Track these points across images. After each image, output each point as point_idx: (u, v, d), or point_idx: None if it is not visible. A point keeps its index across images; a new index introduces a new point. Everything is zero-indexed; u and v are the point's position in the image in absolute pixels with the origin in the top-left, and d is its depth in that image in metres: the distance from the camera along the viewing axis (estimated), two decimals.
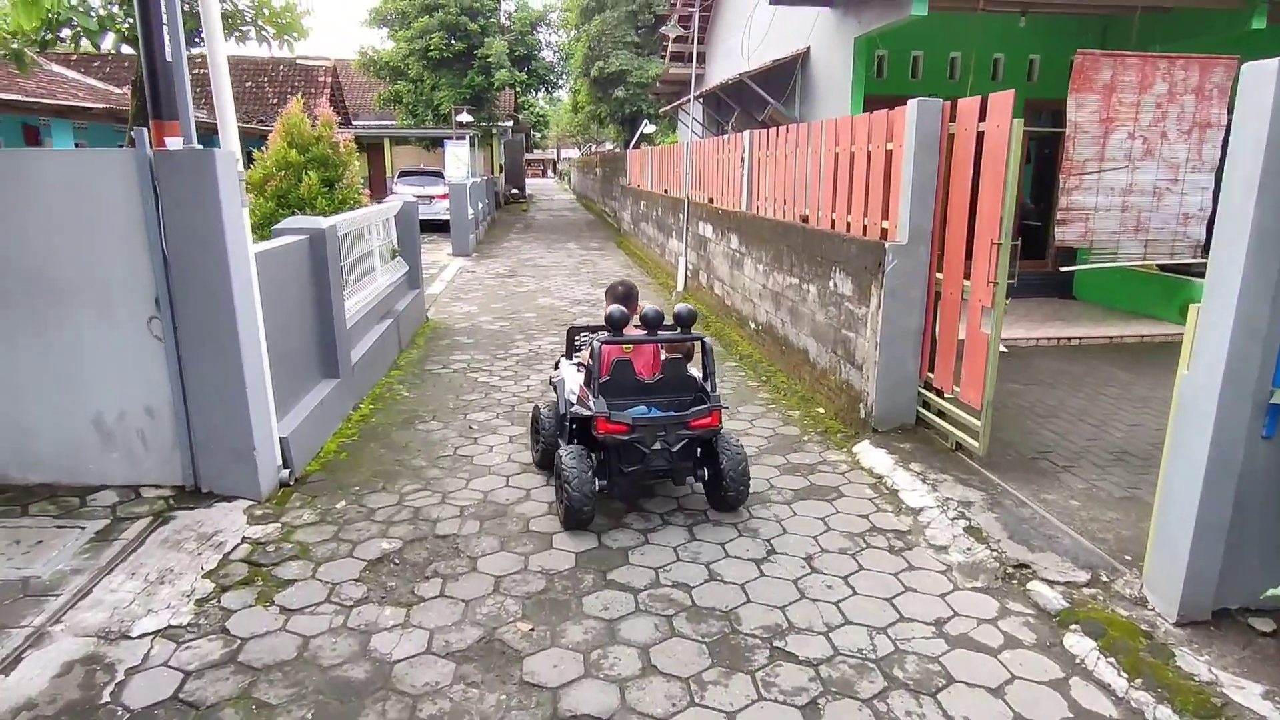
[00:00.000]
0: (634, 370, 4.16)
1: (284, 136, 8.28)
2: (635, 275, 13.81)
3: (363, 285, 7.22)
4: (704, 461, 4.18)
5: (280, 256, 4.79)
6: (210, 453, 4.07)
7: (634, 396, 4.10)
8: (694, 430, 3.95)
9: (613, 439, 3.89)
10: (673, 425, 3.93)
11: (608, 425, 3.86)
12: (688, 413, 4.00)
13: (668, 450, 3.92)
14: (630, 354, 4.21)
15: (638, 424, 3.87)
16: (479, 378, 7.00)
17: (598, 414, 3.88)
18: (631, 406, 4.03)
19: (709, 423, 3.98)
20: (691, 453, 4.09)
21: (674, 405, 4.13)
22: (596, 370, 4.02)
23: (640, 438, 3.88)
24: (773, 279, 7.24)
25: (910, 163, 4.77)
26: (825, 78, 9.58)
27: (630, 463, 3.98)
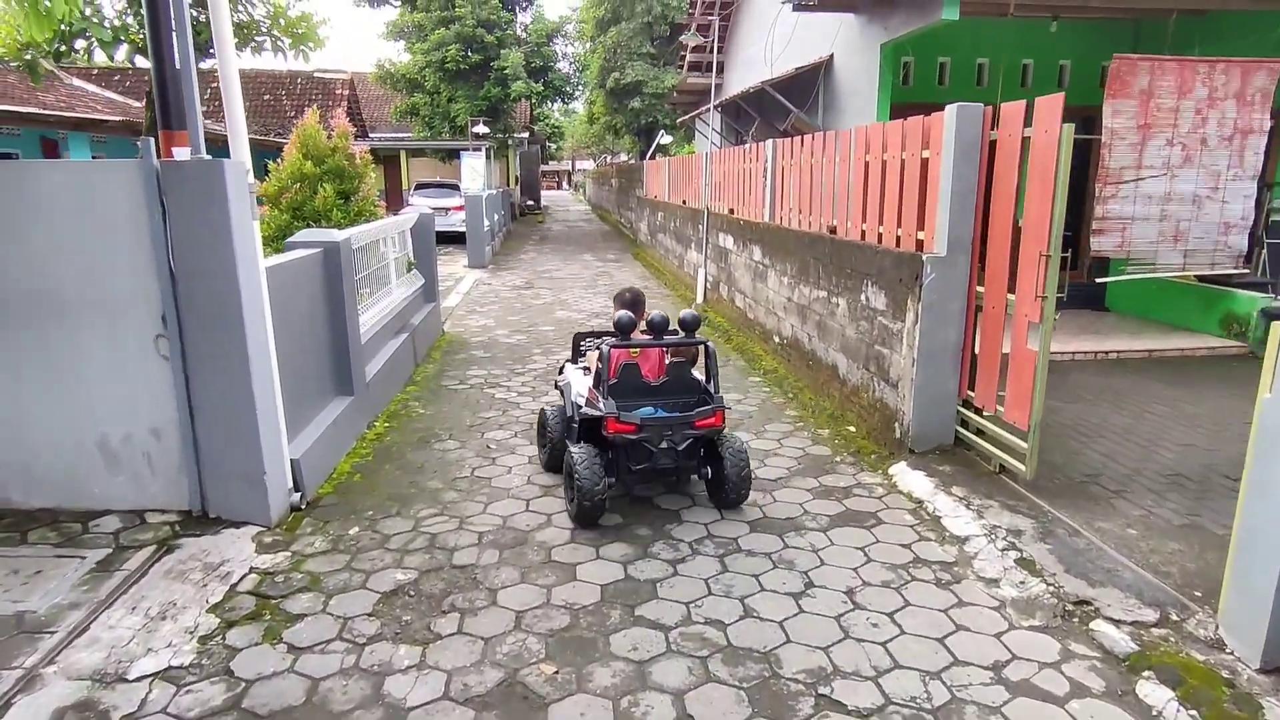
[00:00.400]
0: (641, 373, 4.37)
1: (299, 148, 8.17)
2: (652, 287, 13.62)
3: (378, 299, 7.07)
4: (708, 460, 4.34)
5: (293, 271, 4.62)
6: (218, 477, 3.89)
7: (641, 398, 4.30)
8: (698, 430, 4.13)
9: (622, 438, 4.05)
10: (678, 425, 4.10)
11: (617, 425, 4.01)
12: (692, 413, 4.17)
13: (673, 449, 4.10)
14: (637, 357, 4.42)
15: (645, 424, 4.04)
16: (496, 394, 6.81)
17: (607, 414, 4.02)
18: (638, 407, 4.20)
19: (713, 422, 4.15)
20: (696, 451, 4.26)
21: (679, 406, 4.31)
22: (605, 373, 4.18)
23: (647, 437, 4.05)
24: (798, 292, 7.02)
25: (949, 171, 4.54)
26: (849, 85, 9.37)
27: (638, 461, 4.14)
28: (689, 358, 4.58)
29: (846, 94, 9.47)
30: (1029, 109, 4.13)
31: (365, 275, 6.54)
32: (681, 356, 4.54)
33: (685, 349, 4.51)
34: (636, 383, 4.31)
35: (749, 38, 14.25)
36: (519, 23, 27.53)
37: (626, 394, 4.24)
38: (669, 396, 4.34)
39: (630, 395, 4.25)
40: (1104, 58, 9.15)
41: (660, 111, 27.31)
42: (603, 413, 4.05)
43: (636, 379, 4.32)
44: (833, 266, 6.18)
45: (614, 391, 4.18)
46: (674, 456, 4.11)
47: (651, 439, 4.05)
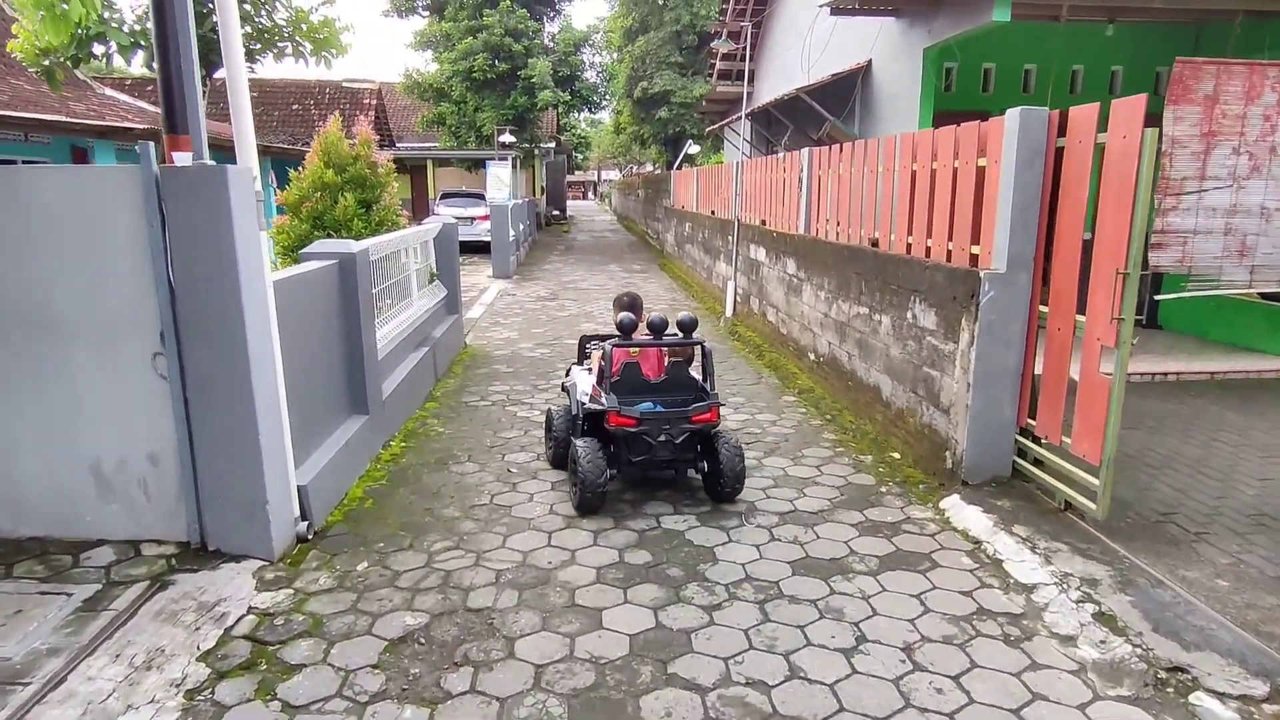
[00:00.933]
0: (641, 371, 4.65)
1: (321, 156, 7.96)
2: (680, 299, 13.30)
3: (397, 312, 6.82)
4: (704, 455, 4.57)
5: (304, 284, 4.36)
6: (218, 506, 3.62)
7: (641, 395, 4.54)
8: (695, 425, 4.39)
9: (622, 431, 4.33)
10: (676, 419, 4.37)
11: (618, 419, 4.30)
12: (689, 409, 4.41)
13: (671, 442, 4.37)
14: (638, 357, 4.72)
15: (645, 418, 4.32)
16: (518, 412, 6.51)
17: (609, 409, 4.32)
18: (639, 403, 4.45)
19: (708, 418, 4.42)
20: (692, 446, 4.51)
21: (677, 402, 4.53)
22: (608, 371, 4.47)
23: (646, 430, 4.33)
24: (837, 308, 6.66)
25: (1011, 181, 4.18)
26: (889, 92, 9.01)
27: (637, 453, 4.41)
28: (687, 357, 4.87)
29: (885, 101, 9.11)
30: (1103, 113, 3.76)
31: (384, 287, 6.30)
32: (679, 356, 4.82)
33: (683, 349, 4.80)
34: (637, 380, 4.59)
35: (781, 45, 13.94)
36: (546, 32, 27.46)
37: (628, 391, 4.51)
38: (668, 393, 4.59)
39: (631, 392, 4.52)
40: (1160, 63, 8.72)
41: (688, 121, 27.07)
42: (605, 407, 4.35)
43: (637, 377, 4.60)
44: (875, 282, 5.82)
45: (616, 388, 4.46)
46: (671, 449, 4.40)
47: (650, 432, 4.34)
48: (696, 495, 4.67)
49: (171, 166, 3.30)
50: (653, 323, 4.63)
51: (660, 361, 4.85)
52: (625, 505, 4.51)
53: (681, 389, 4.63)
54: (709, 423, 4.42)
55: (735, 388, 7.40)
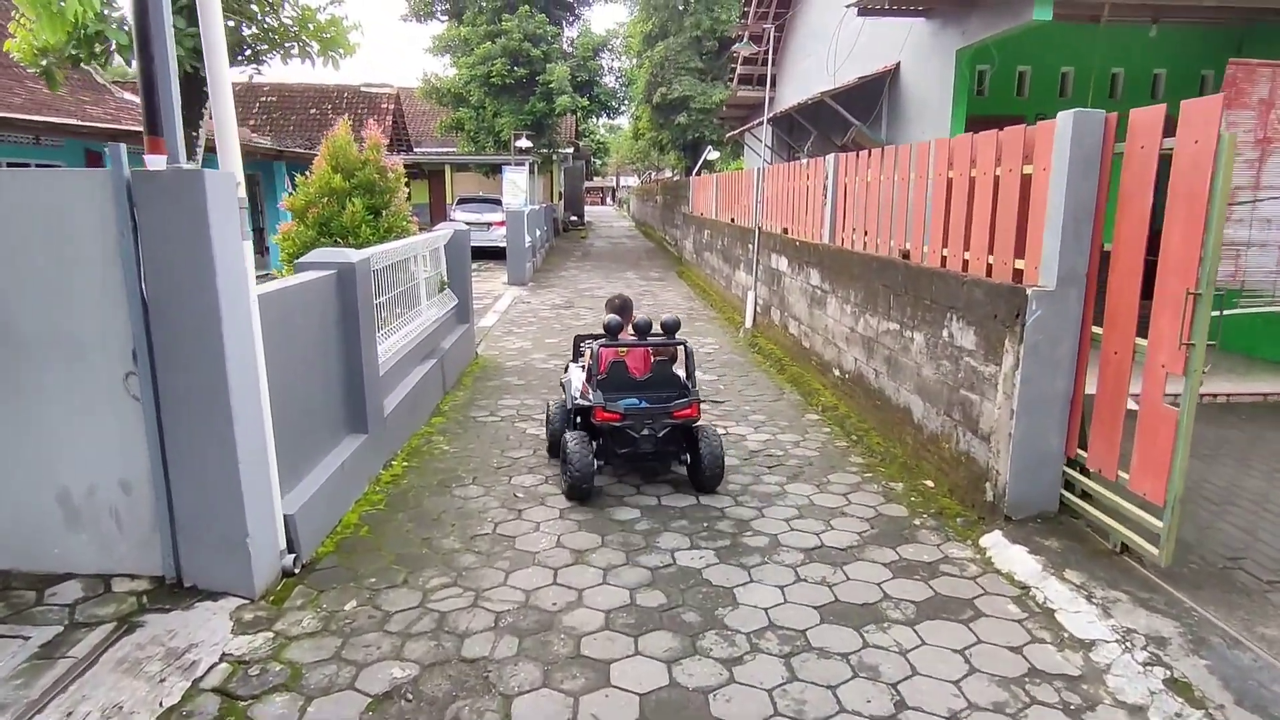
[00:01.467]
0: (628, 369, 4.97)
1: (329, 160, 7.72)
2: (698, 308, 12.97)
3: (404, 323, 6.54)
4: (687, 448, 4.84)
5: (296, 297, 4.08)
6: (195, 539, 3.33)
7: (627, 391, 4.85)
8: (676, 419, 4.67)
9: (608, 425, 4.64)
10: (658, 415, 4.66)
11: (604, 414, 4.62)
12: (671, 404, 4.70)
13: (654, 436, 4.66)
14: (625, 356, 5.01)
15: (629, 413, 4.63)
16: (528, 429, 6.20)
17: (595, 404, 4.65)
18: (625, 399, 4.76)
19: (689, 413, 4.71)
20: (674, 439, 4.79)
21: (660, 399, 4.81)
22: (595, 369, 4.80)
23: (631, 424, 4.63)
24: (864, 322, 6.30)
25: (1062, 190, 3.82)
26: (918, 96, 8.65)
27: (622, 445, 4.71)
28: (670, 356, 5.14)
29: (914, 106, 8.75)
30: (1169, 116, 3.41)
31: (390, 297, 6.03)
32: (664, 355, 5.11)
33: (667, 348, 5.10)
34: (624, 378, 4.90)
35: (803, 49, 13.61)
36: (565, 37, 27.27)
37: (615, 388, 4.82)
38: (652, 390, 4.88)
39: (618, 389, 4.83)
40: (1204, 65, 8.32)
41: (707, 127, 26.78)
42: (592, 403, 4.68)
43: (624, 374, 4.91)
44: (907, 296, 5.46)
45: (603, 385, 4.78)
46: (654, 442, 4.68)
47: (634, 426, 4.63)
48: (714, 527, 4.34)
49: (144, 171, 3.02)
50: (638, 324, 4.96)
51: (646, 360, 5.13)
52: (638, 537, 4.19)
53: (665, 386, 4.93)
54: (690, 418, 4.73)
55: (756, 404, 7.05)
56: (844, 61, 10.62)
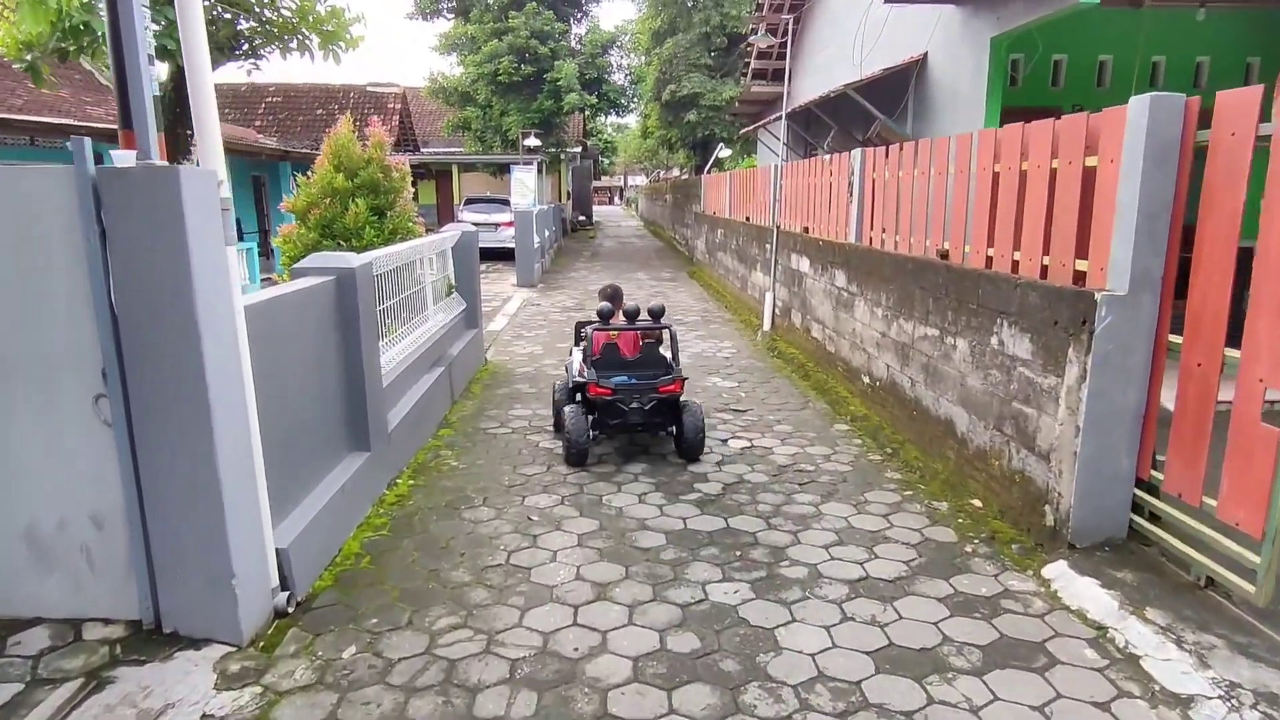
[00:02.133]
0: (619, 350, 5.48)
1: (331, 160, 7.39)
2: (711, 310, 12.60)
3: (410, 330, 6.20)
4: (672, 420, 5.37)
5: (289, 306, 3.73)
6: (175, 580, 2.99)
7: (618, 370, 5.36)
8: (661, 394, 5.20)
9: (601, 400, 5.18)
10: (644, 390, 5.19)
11: (597, 389, 5.17)
12: (657, 381, 5.24)
13: (642, 409, 5.20)
14: (616, 338, 5.50)
15: (619, 388, 5.17)
16: (541, 441, 5.85)
17: (590, 381, 5.20)
18: (616, 377, 5.27)
19: (673, 388, 5.24)
20: (660, 412, 5.31)
21: (648, 376, 5.33)
22: (589, 350, 5.42)
23: (621, 398, 5.16)
24: (897, 327, 5.92)
25: (1135, 184, 3.44)
26: (947, 87, 8.25)
27: (614, 417, 5.25)
28: (657, 339, 5.65)
29: (943, 98, 8.36)
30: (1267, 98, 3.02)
31: (395, 303, 5.69)
32: (651, 338, 5.60)
33: (655, 331, 5.60)
34: (615, 358, 5.42)
35: (821, 41, 13.20)
36: (573, 34, 26.90)
37: (608, 367, 5.35)
38: (641, 369, 5.40)
39: (611, 368, 5.35)
40: (1249, 53, 7.90)
41: (717, 124, 26.37)
42: (587, 380, 5.23)
43: (615, 355, 5.43)
44: (948, 300, 5.08)
45: (597, 365, 5.33)
46: (642, 415, 5.23)
47: (624, 400, 5.16)
48: (748, 555, 3.97)
49: (110, 168, 2.67)
50: (628, 310, 5.52)
51: (635, 342, 5.63)
52: (665, 567, 3.83)
53: (653, 365, 5.45)
54: (673, 393, 5.25)
55: (780, 413, 6.68)
56: (868, 52, 10.22)
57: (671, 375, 5.31)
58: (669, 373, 5.36)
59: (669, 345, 5.59)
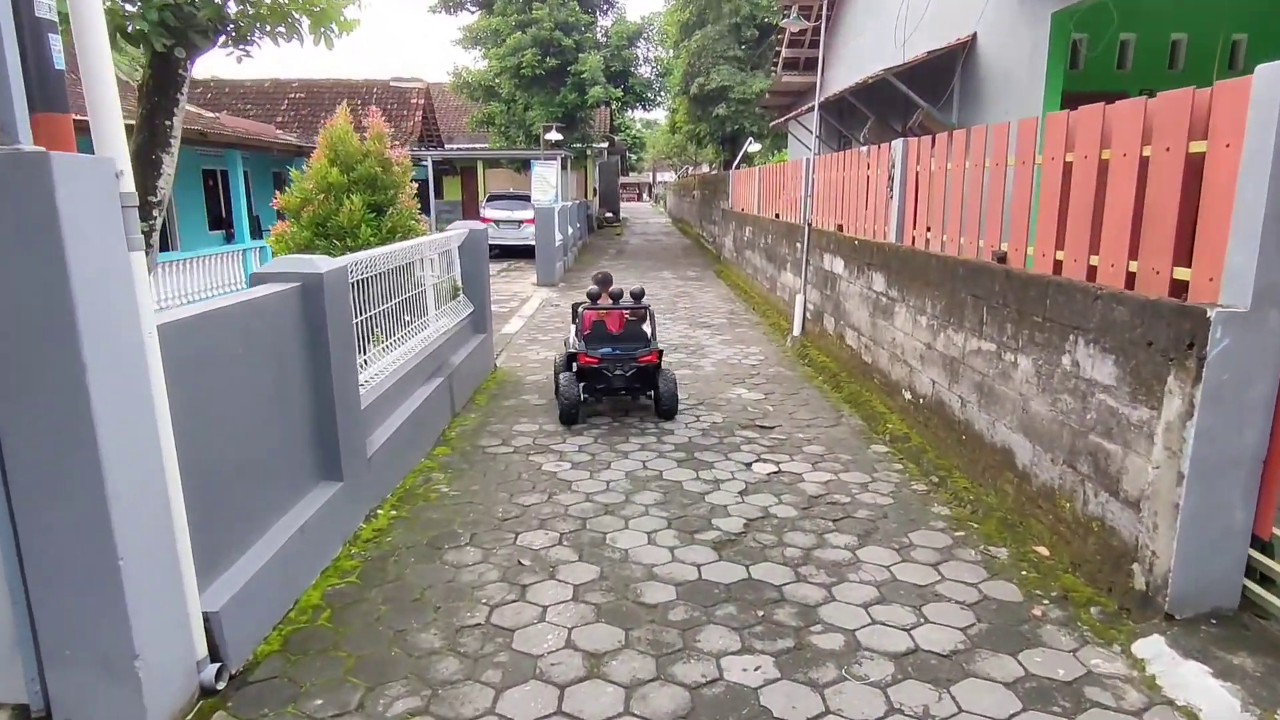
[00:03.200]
0: (606, 326, 6.31)
1: (326, 153, 6.88)
2: (739, 311, 11.94)
3: (404, 339, 5.66)
4: (650, 385, 6.23)
5: (229, 322, 3.17)
6: (64, 660, 2.44)
7: (605, 343, 6.17)
8: (640, 364, 6.07)
9: (589, 368, 6.08)
10: (626, 360, 6.06)
11: (585, 358, 6.07)
12: (636, 352, 6.08)
13: (624, 375, 6.08)
14: (604, 316, 6.34)
15: (604, 358, 6.04)
16: (544, 464, 5.27)
17: (579, 351, 6.12)
18: (602, 349, 6.09)
19: (650, 359, 6.10)
20: (640, 378, 6.18)
21: (629, 348, 6.12)
22: (580, 326, 6.33)
23: (605, 367, 6.04)
24: (945, 339, 5.25)
25: (1263, 174, 2.75)
26: (998, 71, 7.51)
27: (600, 383, 6.16)
28: (639, 317, 6.47)
29: (994, 83, 7.62)
30: None
31: (385, 309, 5.15)
32: (634, 316, 6.45)
33: (638, 310, 6.47)
34: (603, 333, 6.25)
35: (855, 27, 12.46)
36: (599, 26, 26.29)
37: (596, 340, 6.19)
38: (624, 343, 6.20)
39: (599, 341, 6.19)
40: None
41: (747, 118, 25.62)
42: (578, 350, 6.13)
43: (603, 330, 6.27)
44: (1007, 310, 4.40)
45: (587, 339, 6.20)
46: (624, 381, 6.11)
47: (608, 368, 6.03)
48: (772, 616, 3.35)
49: None
50: (614, 293, 6.46)
51: (620, 320, 6.43)
52: (673, 632, 3.22)
53: (634, 339, 6.26)
54: (651, 362, 6.12)
55: (810, 429, 6.04)
56: (912, 31, 9.47)
57: (649, 348, 6.19)
58: (647, 346, 6.22)
59: (648, 322, 6.50)
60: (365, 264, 4.74)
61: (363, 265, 4.69)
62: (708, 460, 5.38)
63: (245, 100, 24.63)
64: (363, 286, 4.78)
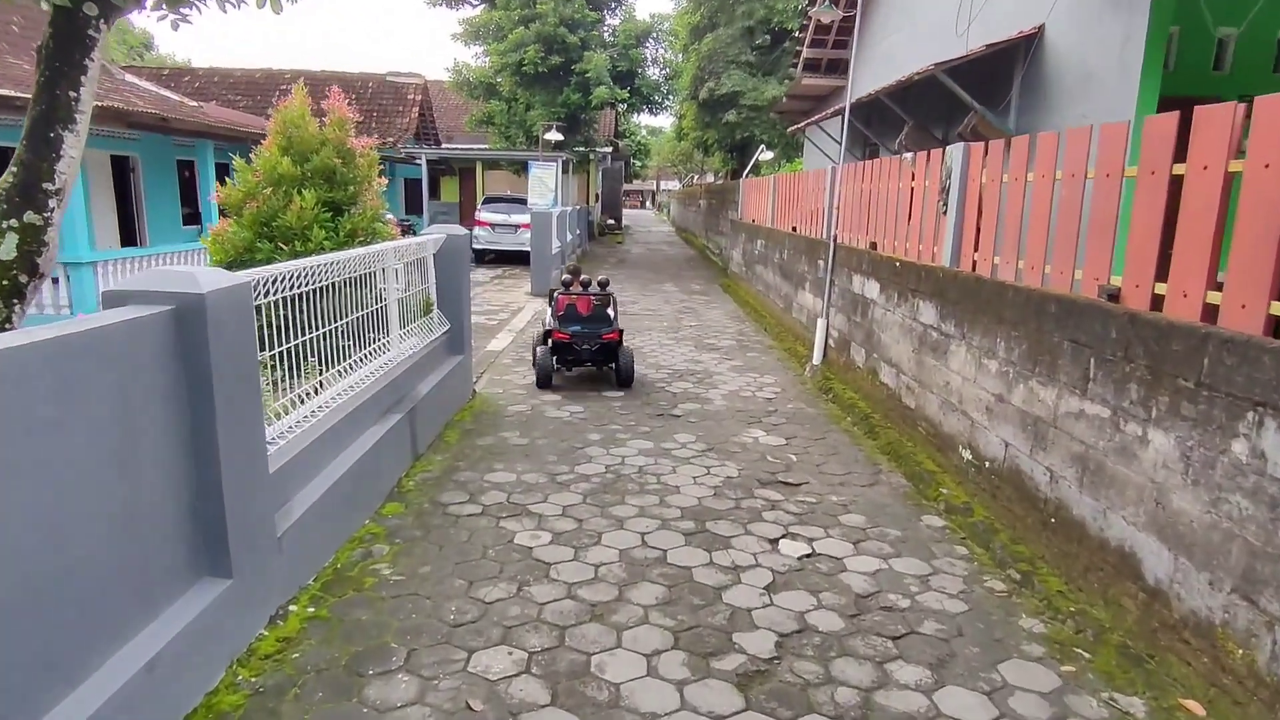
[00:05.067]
0: (576, 309, 7.60)
1: (278, 139, 5.80)
2: (748, 332, 10.87)
3: (353, 368, 4.58)
4: (612, 359, 7.54)
5: (32, 371, 2.08)
6: None
7: (575, 323, 7.49)
8: (604, 340, 7.36)
9: (561, 342, 7.39)
10: (592, 336, 7.35)
11: (558, 334, 7.37)
12: (600, 330, 7.38)
13: (590, 350, 7.40)
14: (575, 300, 7.64)
15: (574, 335, 7.35)
16: (517, 534, 4.19)
17: (553, 329, 7.45)
18: (572, 327, 7.41)
19: (611, 336, 7.37)
20: (603, 353, 7.47)
21: (595, 327, 7.44)
22: (554, 308, 7.66)
23: (574, 342, 7.35)
24: (1027, 392, 4.17)
25: None
26: (1073, 69, 6.45)
27: (569, 355, 7.47)
28: (604, 302, 7.69)
29: (1068, 82, 6.55)
30: None
31: (327, 332, 4.08)
32: (600, 301, 7.67)
33: (603, 296, 7.75)
34: (574, 315, 7.56)
35: (887, 25, 11.43)
36: (607, 25, 25.27)
37: (568, 320, 7.50)
38: (591, 323, 7.50)
39: (570, 321, 7.50)
40: None
41: (758, 125, 24.60)
42: (550, 328, 7.52)
43: (574, 312, 7.57)
44: (1129, 365, 3.33)
45: (560, 319, 7.50)
46: (590, 355, 7.46)
47: (577, 344, 7.36)
48: None
49: None
50: (583, 280, 7.88)
51: (588, 304, 7.54)
52: None
53: (599, 321, 7.47)
54: (613, 340, 7.34)
55: (845, 489, 4.98)
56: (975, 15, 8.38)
57: (611, 327, 7.39)
58: (610, 325, 7.42)
59: (612, 307, 7.67)
60: (294, 277, 3.66)
61: (290, 279, 3.61)
62: (723, 534, 4.30)
63: (235, 91, 23.60)
64: (293, 305, 3.71)
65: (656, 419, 6.56)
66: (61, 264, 9.55)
